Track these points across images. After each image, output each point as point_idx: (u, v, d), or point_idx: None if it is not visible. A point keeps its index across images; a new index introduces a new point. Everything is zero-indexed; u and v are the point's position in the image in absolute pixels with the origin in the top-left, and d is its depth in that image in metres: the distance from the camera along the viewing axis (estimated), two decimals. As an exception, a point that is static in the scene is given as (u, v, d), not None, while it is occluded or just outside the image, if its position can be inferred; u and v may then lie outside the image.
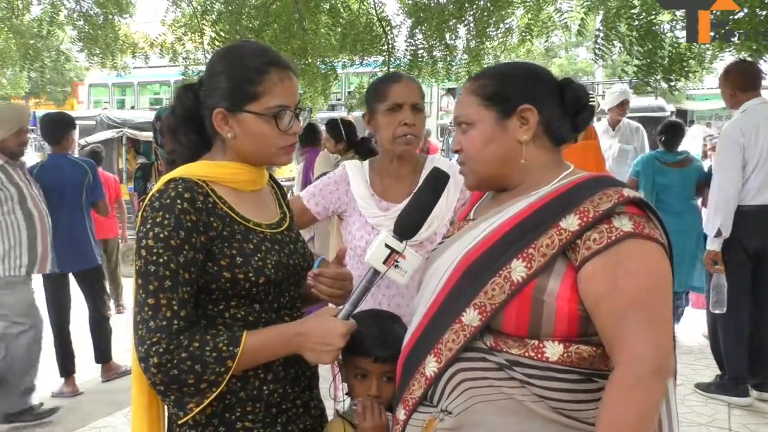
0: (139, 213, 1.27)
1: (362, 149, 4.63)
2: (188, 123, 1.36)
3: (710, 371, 4.09)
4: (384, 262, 1.30)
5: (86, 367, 4.40)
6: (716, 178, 3.72)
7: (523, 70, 1.29)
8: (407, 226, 1.34)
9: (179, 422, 1.24)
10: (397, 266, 1.30)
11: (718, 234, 3.61)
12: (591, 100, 1.31)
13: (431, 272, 1.31)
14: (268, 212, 1.41)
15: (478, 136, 1.25)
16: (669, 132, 4.92)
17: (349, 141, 4.84)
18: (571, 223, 1.12)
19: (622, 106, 5.45)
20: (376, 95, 1.97)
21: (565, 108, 1.27)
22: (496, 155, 1.25)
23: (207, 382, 1.19)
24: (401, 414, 1.24)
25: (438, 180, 1.37)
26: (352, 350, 1.42)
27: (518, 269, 1.13)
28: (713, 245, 3.67)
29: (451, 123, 10.22)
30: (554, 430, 1.13)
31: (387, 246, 1.30)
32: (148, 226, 1.21)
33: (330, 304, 1.97)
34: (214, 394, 1.20)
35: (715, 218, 3.64)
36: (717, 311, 3.71)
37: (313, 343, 1.24)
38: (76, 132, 7.82)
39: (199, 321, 1.28)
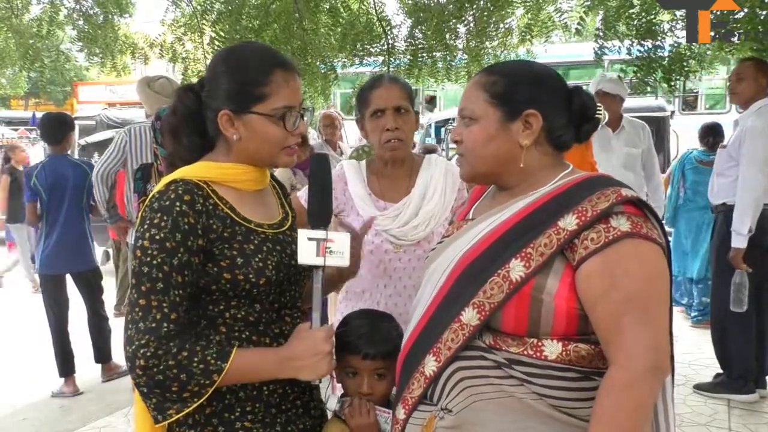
0: (139, 214, 1.27)
1: None
2: (190, 124, 1.36)
3: (710, 371, 4.09)
4: (318, 255, 1.30)
5: (86, 367, 4.40)
6: (745, 174, 3.55)
7: (535, 74, 1.28)
8: (318, 213, 1.35)
9: (169, 420, 1.23)
10: (331, 252, 1.30)
11: (749, 231, 3.52)
12: (598, 112, 1.32)
13: (430, 272, 1.32)
14: (270, 212, 1.41)
15: (480, 133, 1.25)
16: (710, 133, 5.32)
17: None
18: (569, 222, 1.12)
19: (597, 98, 4.09)
20: (362, 101, 1.98)
21: (570, 116, 1.27)
22: (495, 154, 1.25)
23: (190, 392, 1.19)
24: (401, 413, 1.25)
25: (318, 164, 1.38)
26: (343, 349, 1.44)
27: (517, 268, 1.13)
28: (742, 243, 3.55)
29: (450, 121, 10.21)
30: (554, 428, 1.13)
31: (310, 239, 1.30)
32: (146, 226, 1.21)
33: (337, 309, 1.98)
34: (195, 404, 1.20)
35: (745, 216, 3.52)
36: (738, 310, 3.63)
37: (305, 360, 1.25)
38: (76, 132, 7.85)
39: (199, 322, 1.28)
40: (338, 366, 1.48)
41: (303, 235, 1.30)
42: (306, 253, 1.30)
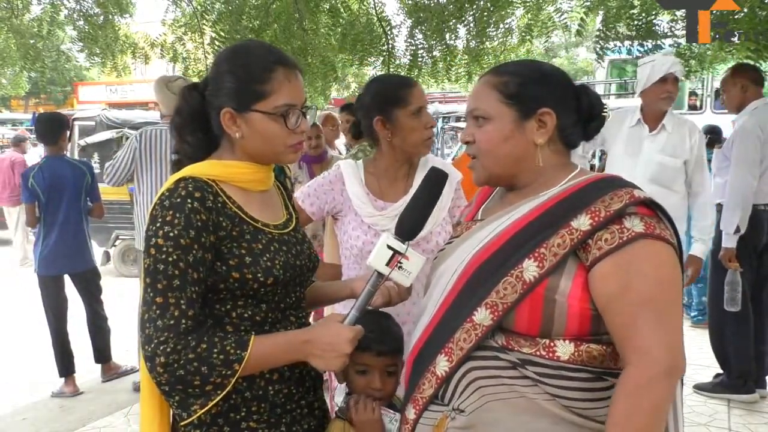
0: (149, 212, 1.27)
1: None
2: (194, 122, 1.36)
3: (710, 371, 4.10)
4: (387, 264, 1.30)
5: (86, 367, 4.40)
6: (734, 174, 3.60)
7: (544, 73, 1.29)
8: (409, 227, 1.33)
9: (182, 423, 1.24)
10: (400, 267, 1.30)
11: (737, 231, 3.55)
12: (604, 110, 1.32)
13: (440, 273, 1.31)
14: (275, 213, 1.42)
15: (495, 133, 1.25)
16: (709, 133, 5.38)
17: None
18: (582, 222, 1.12)
19: (665, 84, 3.23)
20: (396, 100, 1.93)
21: (579, 114, 1.28)
22: (511, 154, 1.25)
23: (213, 384, 1.19)
24: (411, 413, 1.24)
25: (437, 179, 1.38)
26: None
27: (530, 269, 1.13)
28: (731, 242, 3.59)
29: (450, 121, 10.19)
30: (566, 429, 1.13)
31: (389, 248, 1.30)
32: (158, 224, 1.21)
33: (334, 310, 1.97)
34: (219, 397, 1.20)
35: (732, 216, 3.55)
36: (732, 309, 3.66)
37: (322, 350, 1.25)
38: (76, 132, 7.83)
39: (205, 321, 1.27)
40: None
41: (385, 239, 1.30)
42: (378, 257, 1.29)
